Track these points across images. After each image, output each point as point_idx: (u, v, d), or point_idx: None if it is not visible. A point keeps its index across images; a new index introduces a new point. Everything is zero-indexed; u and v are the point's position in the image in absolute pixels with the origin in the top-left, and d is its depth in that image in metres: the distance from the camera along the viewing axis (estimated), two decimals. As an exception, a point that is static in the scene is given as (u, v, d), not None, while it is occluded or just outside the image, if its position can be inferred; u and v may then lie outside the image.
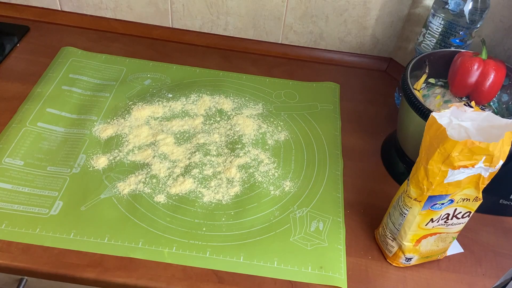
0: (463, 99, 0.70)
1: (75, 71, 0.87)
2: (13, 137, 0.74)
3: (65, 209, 0.66)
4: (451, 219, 0.59)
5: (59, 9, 0.98)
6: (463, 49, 0.75)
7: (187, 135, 0.78)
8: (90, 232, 0.63)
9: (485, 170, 0.54)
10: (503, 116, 0.68)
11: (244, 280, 0.61)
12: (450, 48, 0.76)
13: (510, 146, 0.52)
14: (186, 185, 0.70)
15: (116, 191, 0.69)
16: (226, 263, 0.62)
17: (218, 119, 0.81)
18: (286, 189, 0.72)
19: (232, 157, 0.75)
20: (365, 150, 0.80)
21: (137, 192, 0.69)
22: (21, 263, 0.60)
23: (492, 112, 0.63)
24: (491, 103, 0.71)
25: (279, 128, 0.81)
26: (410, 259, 0.63)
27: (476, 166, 0.53)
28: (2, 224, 0.63)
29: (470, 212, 0.59)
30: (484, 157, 0.52)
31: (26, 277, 0.65)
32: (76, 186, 0.69)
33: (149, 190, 0.69)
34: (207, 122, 0.80)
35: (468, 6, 0.72)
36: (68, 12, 0.98)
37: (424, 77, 0.72)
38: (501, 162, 0.53)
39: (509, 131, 0.52)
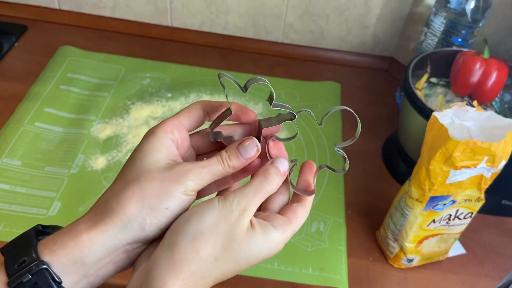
0: (465, 98, 0.69)
1: (73, 71, 0.87)
2: (10, 137, 0.73)
3: (63, 210, 0.65)
4: (453, 219, 0.59)
5: (57, 8, 0.97)
6: (465, 48, 0.74)
7: (186, 135, 0.77)
8: (88, 233, 0.63)
9: (487, 171, 0.53)
10: (505, 116, 0.67)
11: (244, 282, 0.60)
12: (452, 47, 0.76)
13: (513, 146, 0.51)
14: (185, 186, 0.69)
15: (115, 192, 0.68)
16: (226, 265, 0.61)
17: (218, 118, 0.81)
18: (286, 190, 0.71)
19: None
20: (366, 150, 0.79)
21: (136, 192, 0.68)
22: (19, 264, 0.59)
23: (494, 111, 0.63)
24: (493, 103, 0.71)
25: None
26: (411, 260, 0.62)
27: (478, 167, 0.52)
28: (0, 225, 0.62)
29: (472, 213, 0.58)
30: (486, 157, 0.51)
31: (23, 279, 0.64)
32: (74, 187, 0.68)
33: (148, 191, 0.68)
34: (207, 122, 0.80)
35: (470, 5, 0.72)
36: (66, 11, 0.97)
37: (425, 76, 0.72)
38: (503, 162, 0.53)
39: (511, 131, 0.51)
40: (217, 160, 0.33)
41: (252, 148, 0.34)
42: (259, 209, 0.37)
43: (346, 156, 0.38)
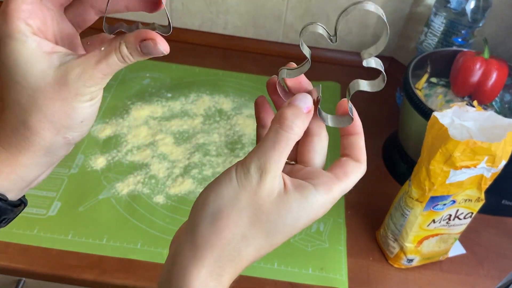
0: (465, 98, 0.69)
1: (73, 71, 0.86)
2: (11, 137, 0.73)
3: (63, 210, 0.65)
4: (453, 219, 0.59)
5: (58, 8, 0.97)
6: (465, 48, 0.74)
7: (186, 135, 0.77)
8: (88, 233, 0.63)
9: (488, 171, 0.53)
10: (505, 116, 0.67)
11: (244, 282, 0.60)
12: (452, 47, 0.76)
13: (513, 146, 0.51)
14: (185, 186, 0.69)
15: (115, 192, 0.68)
16: (226, 265, 0.61)
17: (218, 119, 0.81)
18: (286, 190, 0.71)
19: (232, 157, 0.74)
20: (366, 150, 0.78)
21: (136, 192, 0.68)
22: (19, 264, 0.59)
23: (494, 111, 0.63)
24: (493, 103, 0.71)
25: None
26: (411, 260, 0.62)
27: (478, 167, 0.52)
28: (0, 225, 0.62)
29: (472, 213, 0.58)
30: (486, 157, 0.51)
31: (24, 279, 0.64)
32: (74, 187, 0.68)
33: (148, 191, 0.69)
34: (207, 122, 0.80)
35: (470, 5, 0.72)
36: (67, 11, 0.97)
37: (425, 76, 0.72)
38: (503, 162, 0.53)
39: (511, 131, 0.51)
40: (117, 58, 0.28)
41: (155, 48, 0.28)
42: (299, 163, 0.32)
43: (381, 67, 0.28)
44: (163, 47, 0.28)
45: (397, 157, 0.76)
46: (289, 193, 0.28)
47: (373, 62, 0.29)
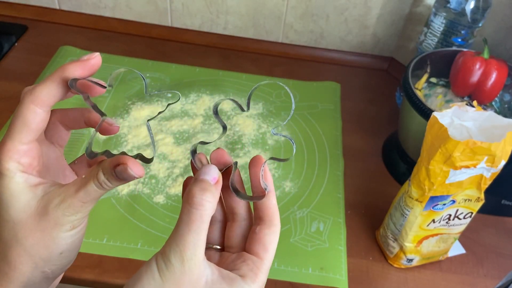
0: (464, 98, 0.69)
1: (73, 71, 0.87)
2: (11, 137, 0.73)
3: (64, 210, 0.65)
4: (453, 219, 0.59)
5: (58, 8, 0.97)
6: (465, 48, 0.74)
7: (186, 135, 0.77)
8: (88, 233, 0.63)
9: (487, 171, 0.53)
10: (505, 116, 0.67)
11: (244, 282, 0.60)
12: (451, 47, 0.76)
13: (512, 146, 0.51)
14: (185, 186, 0.69)
15: (115, 192, 0.68)
16: (226, 264, 0.61)
17: (218, 118, 0.81)
18: (286, 190, 0.71)
19: (232, 157, 0.74)
20: (366, 150, 0.79)
21: (136, 192, 0.68)
22: (19, 264, 0.59)
23: (494, 111, 0.63)
24: (493, 103, 0.71)
25: (279, 128, 0.81)
26: (411, 260, 0.62)
27: (478, 167, 0.52)
28: (0, 225, 0.62)
29: (472, 213, 0.58)
30: (486, 157, 0.51)
31: (24, 278, 0.64)
32: (74, 187, 0.68)
33: (148, 191, 0.69)
34: (207, 122, 0.80)
35: (470, 5, 0.72)
36: (67, 11, 0.97)
37: (425, 76, 0.72)
38: (503, 162, 0.53)
39: (511, 131, 0.51)
40: (95, 185, 0.28)
41: (129, 174, 0.28)
42: (222, 249, 0.32)
43: (291, 139, 0.32)
44: (135, 171, 0.27)
45: (396, 157, 0.76)
46: (217, 284, 0.27)
47: (283, 134, 0.32)
